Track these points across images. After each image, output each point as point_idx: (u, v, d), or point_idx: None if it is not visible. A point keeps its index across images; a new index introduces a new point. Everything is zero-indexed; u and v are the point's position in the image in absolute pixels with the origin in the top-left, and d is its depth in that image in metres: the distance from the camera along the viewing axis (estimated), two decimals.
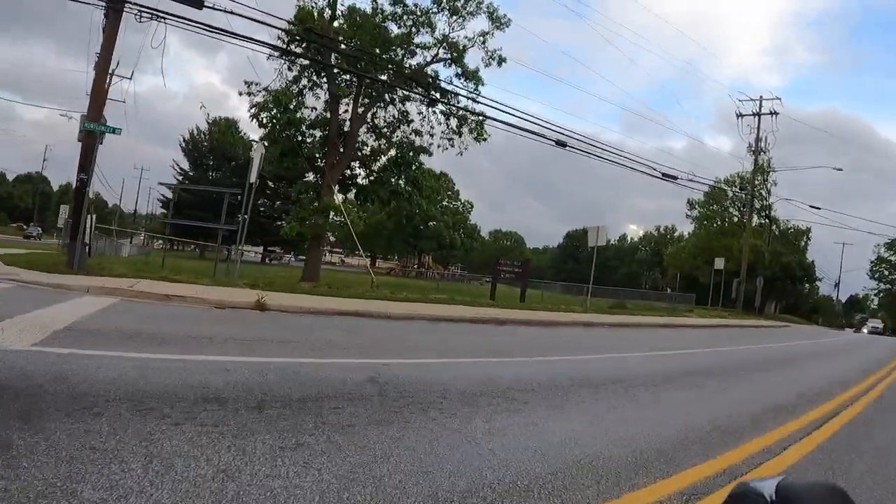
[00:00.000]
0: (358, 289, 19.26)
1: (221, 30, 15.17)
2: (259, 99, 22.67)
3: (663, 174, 30.74)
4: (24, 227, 60.10)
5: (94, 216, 17.46)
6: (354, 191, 26.35)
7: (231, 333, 8.01)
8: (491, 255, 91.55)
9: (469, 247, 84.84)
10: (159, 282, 13.38)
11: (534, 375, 7.47)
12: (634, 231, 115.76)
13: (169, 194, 57.26)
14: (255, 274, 22.03)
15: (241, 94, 23.16)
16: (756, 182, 45.51)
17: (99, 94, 14.56)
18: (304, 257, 34.04)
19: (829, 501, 0.73)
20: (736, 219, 55.17)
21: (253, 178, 15.89)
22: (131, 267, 16.67)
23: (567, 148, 24.47)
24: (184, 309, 10.40)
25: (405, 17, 23.42)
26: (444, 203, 72.51)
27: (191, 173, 58.79)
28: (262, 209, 60.00)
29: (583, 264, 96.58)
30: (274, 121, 22.08)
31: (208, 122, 55.05)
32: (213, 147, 54.23)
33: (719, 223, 57.62)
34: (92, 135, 14.11)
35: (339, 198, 24.26)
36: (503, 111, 28.10)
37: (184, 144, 60.58)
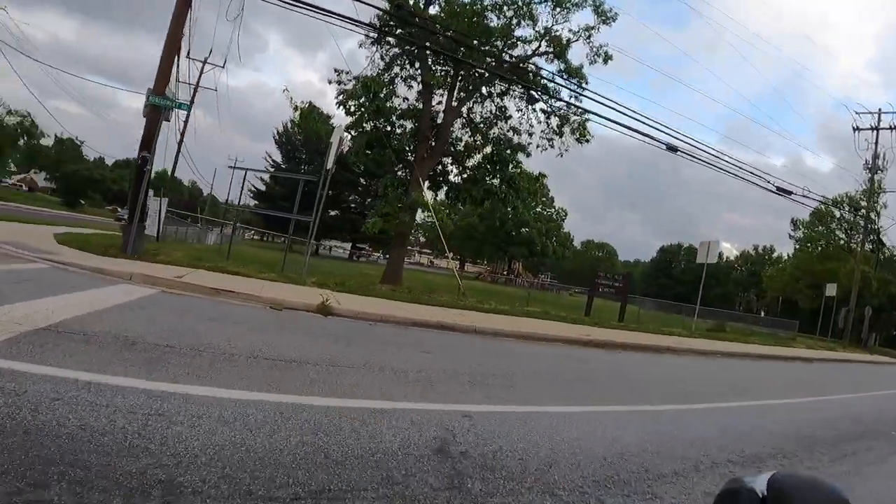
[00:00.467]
0: (442, 295, 17.29)
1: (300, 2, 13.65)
2: (349, 88, 21.32)
3: (777, 188, 28.11)
4: (118, 209, 62.59)
5: (164, 199, 16.32)
6: (445, 188, 24.52)
7: (266, 347, 6.08)
8: (581, 265, 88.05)
9: (561, 255, 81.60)
10: (215, 273, 11.87)
11: (688, 443, 5.07)
12: (728, 249, 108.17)
13: (258, 184, 57.82)
14: (334, 271, 20.63)
15: (330, 82, 21.93)
16: (868, 203, 41.04)
17: (166, 69, 13.44)
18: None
19: (818, 494, 0.73)
20: (842, 242, 50.02)
21: (329, 164, 14.25)
22: (193, 254, 15.40)
23: (678, 153, 21.87)
24: (229, 307, 8.64)
25: (505, 8, 21.47)
26: (538, 209, 69.74)
27: (283, 166, 59.02)
28: (352, 205, 59.58)
29: (674, 280, 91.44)
30: (362, 109, 20.59)
31: (292, 108, 55.03)
32: (306, 140, 54.04)
33: (823, 245, 52.47)
34: (157, 109, 13.05)
35: (428, 195, 22.43)
36: (612, 108, 25.28)
37: (277, 137, 61.16)
